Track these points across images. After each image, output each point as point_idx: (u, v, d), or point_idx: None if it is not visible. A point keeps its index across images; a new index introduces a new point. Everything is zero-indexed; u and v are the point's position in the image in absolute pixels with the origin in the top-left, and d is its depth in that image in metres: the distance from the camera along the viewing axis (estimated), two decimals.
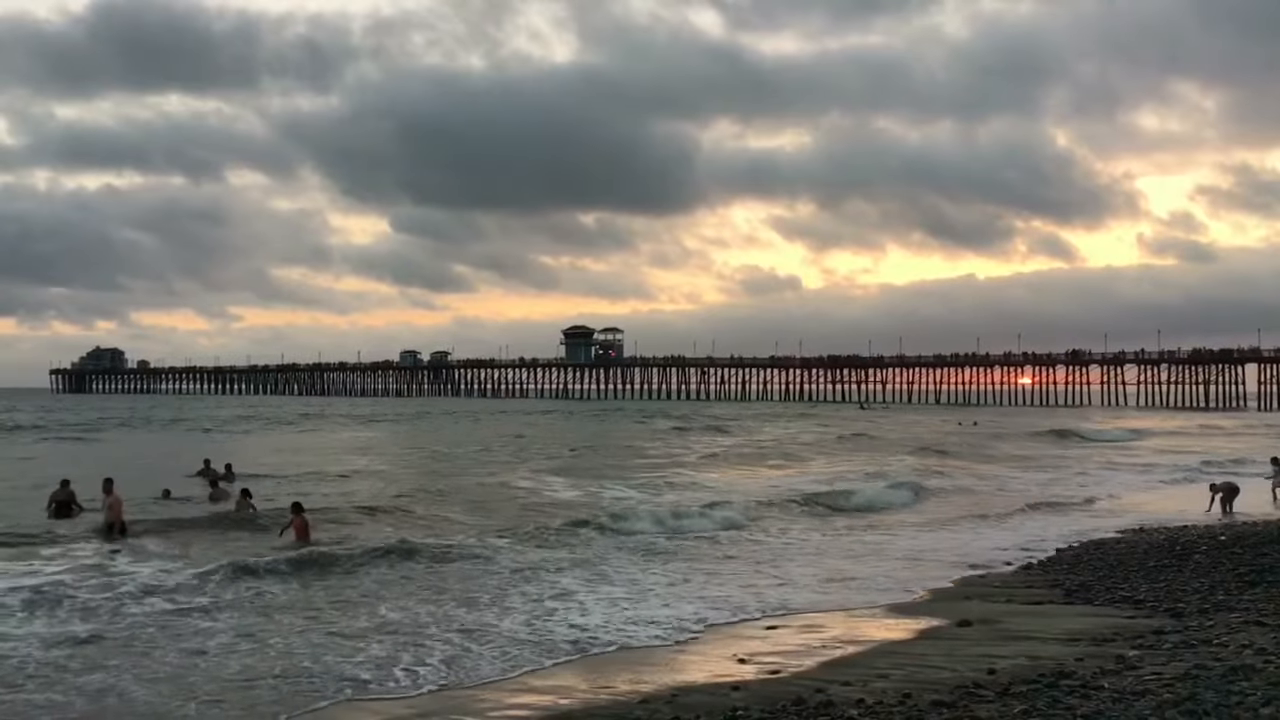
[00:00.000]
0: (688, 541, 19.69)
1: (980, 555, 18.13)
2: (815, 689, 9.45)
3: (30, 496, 23.73)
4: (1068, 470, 37.13)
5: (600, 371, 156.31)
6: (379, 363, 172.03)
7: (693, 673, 10.52)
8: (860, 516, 24.03)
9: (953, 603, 14.02)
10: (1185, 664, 9.61)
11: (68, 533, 18.88)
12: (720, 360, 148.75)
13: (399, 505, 23.49)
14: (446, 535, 19.16)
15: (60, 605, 12.86)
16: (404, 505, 23.55)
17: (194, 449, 39.22)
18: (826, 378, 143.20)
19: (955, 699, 8.88)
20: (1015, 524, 22.53)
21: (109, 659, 10.76)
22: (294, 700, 9.60)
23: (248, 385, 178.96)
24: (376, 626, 12.36)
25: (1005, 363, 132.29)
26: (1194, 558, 16.41)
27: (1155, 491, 30.15)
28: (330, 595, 14.13)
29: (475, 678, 10.43)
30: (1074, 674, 9.50)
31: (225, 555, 16.31)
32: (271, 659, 10.88)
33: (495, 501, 24.93)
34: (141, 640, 11.53)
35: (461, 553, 17.29)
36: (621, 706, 9.26)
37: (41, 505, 21.63)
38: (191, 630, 12.03)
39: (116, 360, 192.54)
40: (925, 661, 10.54)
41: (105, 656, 10.84)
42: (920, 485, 29.82)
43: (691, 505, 23.82)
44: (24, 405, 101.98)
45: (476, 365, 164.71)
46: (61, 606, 12.82)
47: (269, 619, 12.67)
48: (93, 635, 11.65)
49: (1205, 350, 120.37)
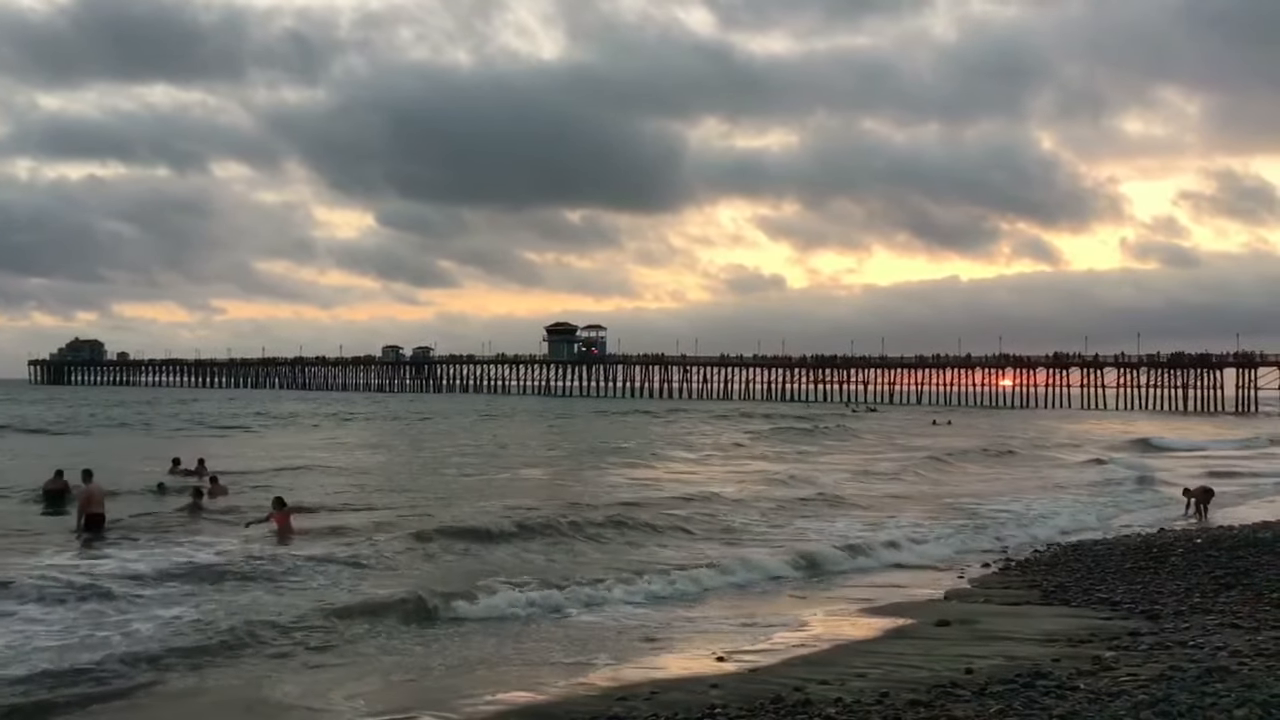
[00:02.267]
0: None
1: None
2: (793, 687, 9.46)
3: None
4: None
5: (583, 369, 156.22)
6: (360, 357, 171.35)
7: (672, 669, 10.52)
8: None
9: (931, 604, 14.07)
10: (1161, 665, 9.67)
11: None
12: (703, 359, 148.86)
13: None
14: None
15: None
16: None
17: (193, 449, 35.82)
18: (809, 377, 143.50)
19: (932, 698, 8.90)
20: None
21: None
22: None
23: (228, 379, 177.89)
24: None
25: (986, 364, 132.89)
26: (1170, 560, 16.52)
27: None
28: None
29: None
30: (1050, 674, 9.53)
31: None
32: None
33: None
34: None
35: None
36: (599, 703, 9.24)
37: (35, 494, 21.67)
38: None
39: (96, 352, 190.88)
40: (903, 661, 10.56)
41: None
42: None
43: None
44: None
45: (458, 361, 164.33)
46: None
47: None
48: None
49: (1185, 355, 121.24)
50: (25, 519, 20.32)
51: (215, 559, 15.65)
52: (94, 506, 18.45)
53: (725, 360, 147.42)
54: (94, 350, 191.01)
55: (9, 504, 22.45)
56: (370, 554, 16.31)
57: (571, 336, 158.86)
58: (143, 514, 20.54)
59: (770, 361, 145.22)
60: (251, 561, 15.39)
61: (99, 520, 18.36)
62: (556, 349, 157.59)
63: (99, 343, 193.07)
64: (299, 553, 16.18)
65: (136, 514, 20.40)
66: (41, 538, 17.77)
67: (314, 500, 23.17)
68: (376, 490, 26.51)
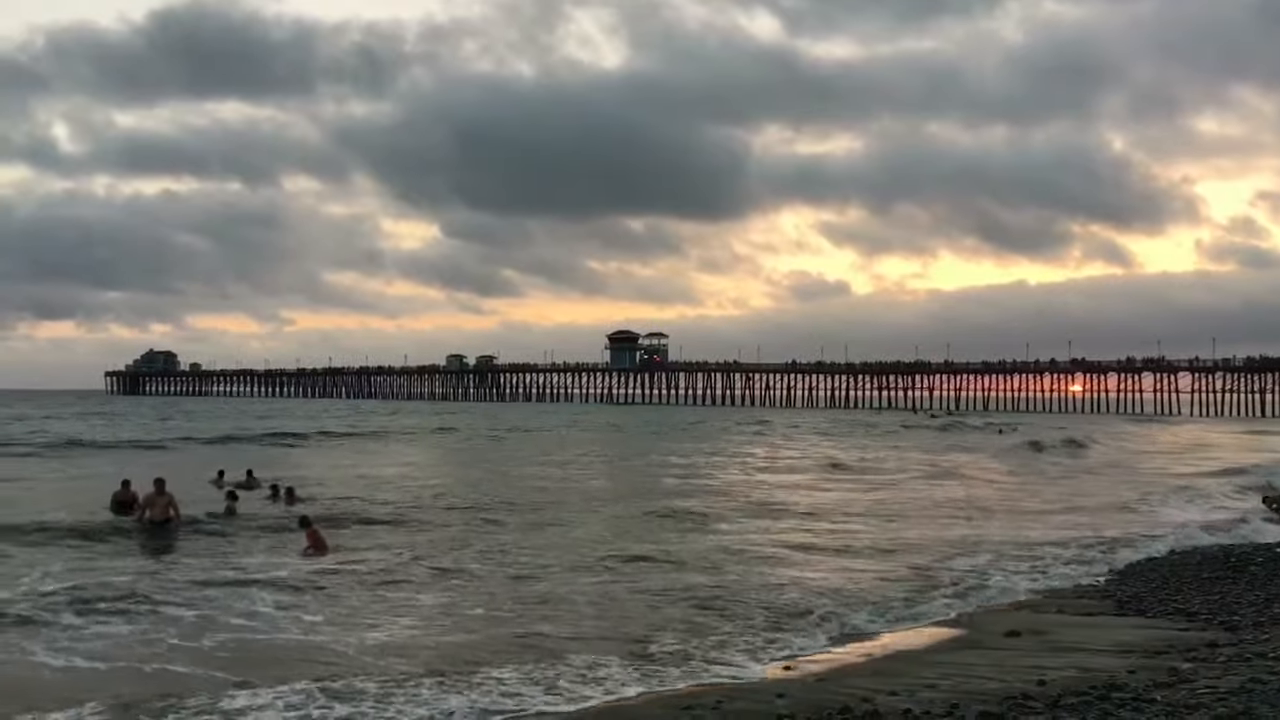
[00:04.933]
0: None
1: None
2: (862, 697, 9.38)
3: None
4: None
5: (645, 376, 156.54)
6: (424, 367, 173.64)
7: (739, 676, 10.51)
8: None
9: (1001, 614, 13.89)
10: (1240, 678, 9.44)
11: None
12: (765, 366, 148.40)
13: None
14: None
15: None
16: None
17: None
18: (873, 384, 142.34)
19: (1004, 710, 8.78)
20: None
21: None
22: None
23: (296, 388, 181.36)
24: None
25: (1054, 369, 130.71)
26: (1249, 570, 16.12)
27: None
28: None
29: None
30: (1126, 686, 9.36)
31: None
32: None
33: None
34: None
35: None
36: (668, 711, 9.26)
37: (104, 504, 22.10)
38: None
39: (169, 362, 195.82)
40: (972, 671, 10.43)
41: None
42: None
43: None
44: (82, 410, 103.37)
45: (521, 370, 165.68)
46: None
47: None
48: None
49: (1262, 358, 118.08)
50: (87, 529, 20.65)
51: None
52: (154, 513, 19.19)
53: (790, 368, 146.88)
54: (168, 361, 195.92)
55: (77, 514, 23.02)
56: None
57: (633, 345, 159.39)
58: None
59: (832, 369, 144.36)
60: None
61: (161, 525, 19.04)
62: (618, 357, 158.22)
63: (172, 354, 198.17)
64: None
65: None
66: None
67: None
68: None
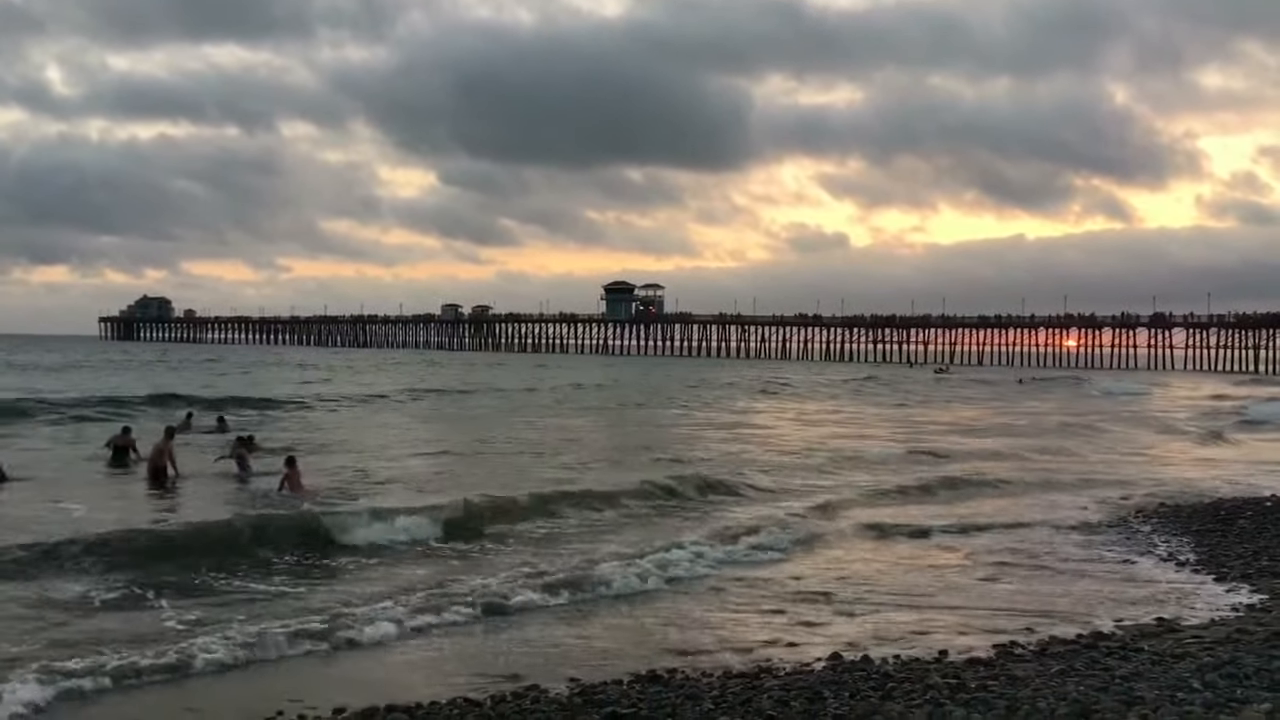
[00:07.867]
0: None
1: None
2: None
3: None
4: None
5: (640, 328, 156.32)
6: (420, 315, 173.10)
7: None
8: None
9: None
10: (1227, 628, 9.52)
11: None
12: (760, 318, 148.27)
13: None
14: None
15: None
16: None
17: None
18: (869, 337, 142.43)
19: (993, 657, 8.85)
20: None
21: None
22: None
23: (291, 336, 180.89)
24: None
25: (1050, 324, 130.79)
26: (1239, 523, 16.19)
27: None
28: None
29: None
30: (1113, 635, 9.44)
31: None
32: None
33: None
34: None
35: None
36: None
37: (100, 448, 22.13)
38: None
39: (163, 309, 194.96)
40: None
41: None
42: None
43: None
44: (78, 354, 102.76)
45: (517, 320, 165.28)
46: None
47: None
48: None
49: (1254, 315, 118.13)
50: (88, 472, 20.73)
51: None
52: (158, 460, 19.22)
53: (782, 320, 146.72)
54: (161, 307, 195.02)
55: (78, 453, 23.17)
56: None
57: (629, 295, 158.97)
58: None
59: (829, 321, 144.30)
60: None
61: (160, 474, 19.03)
62: (614, 308, 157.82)
63: (166, 300, 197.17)
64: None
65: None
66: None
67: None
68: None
